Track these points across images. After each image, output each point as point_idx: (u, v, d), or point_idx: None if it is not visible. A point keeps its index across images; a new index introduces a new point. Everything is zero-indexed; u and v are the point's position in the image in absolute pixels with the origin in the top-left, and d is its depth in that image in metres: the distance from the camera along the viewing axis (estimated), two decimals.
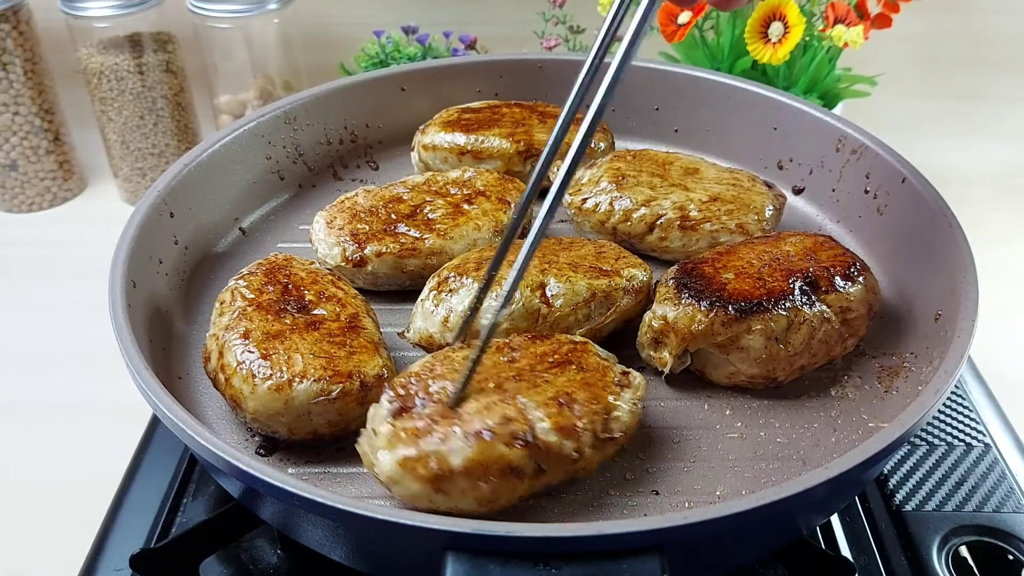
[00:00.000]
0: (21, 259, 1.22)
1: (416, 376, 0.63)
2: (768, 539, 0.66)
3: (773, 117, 0.98)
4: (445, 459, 0.57)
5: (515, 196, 0.89)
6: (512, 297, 0.58)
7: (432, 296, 0.75)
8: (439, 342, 0.74)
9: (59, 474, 0.89)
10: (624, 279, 0.76)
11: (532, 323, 0.72)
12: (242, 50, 1.28)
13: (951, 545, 0.76)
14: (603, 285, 0.75)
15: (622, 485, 0.66)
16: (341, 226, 0.84)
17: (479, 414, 0.59)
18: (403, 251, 0.82)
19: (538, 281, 0.74)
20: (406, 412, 0.61)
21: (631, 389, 0.66)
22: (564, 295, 0.73)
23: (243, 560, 0.75)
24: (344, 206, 0.87)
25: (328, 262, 0.83)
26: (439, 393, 0.61)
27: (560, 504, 0.64)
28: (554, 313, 0.73)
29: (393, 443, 0.59)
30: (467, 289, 0.74)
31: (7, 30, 1.20)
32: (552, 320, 0.73)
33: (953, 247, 0.75)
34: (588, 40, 1.30)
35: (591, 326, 0.74)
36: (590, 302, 0.74)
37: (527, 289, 0.73)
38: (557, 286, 0.74)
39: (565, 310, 0.73)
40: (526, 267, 0.61)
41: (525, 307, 0.72)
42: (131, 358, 0.65)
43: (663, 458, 0.68)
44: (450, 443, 0.58)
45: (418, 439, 0.58)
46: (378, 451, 0.59)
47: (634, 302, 0.76)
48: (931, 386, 0.62)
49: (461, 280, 0.75)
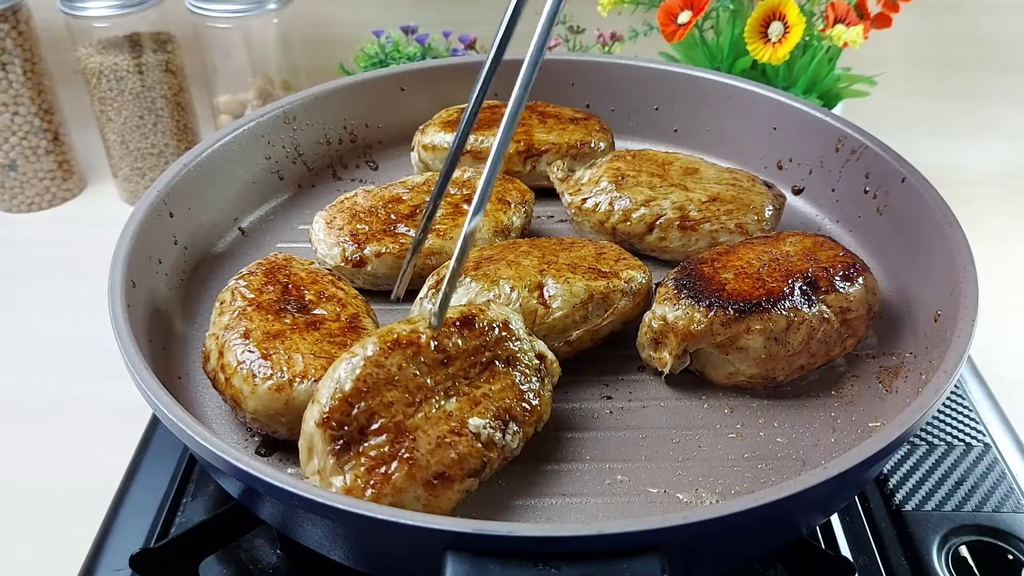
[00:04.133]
0: (20, 259, 1.22)
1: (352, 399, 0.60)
2: (768, 539, 0.66)
3: (773, 117, 0.98)
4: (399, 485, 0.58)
5: (515, 196, 0.89)
6: (483, 205, 0.58)
7: (431, 295, 0.75)
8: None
9: (59, 474, 0.89)
10: (623, 281, 0.76)
11: (529, 323, 0.72)
12: (241, 50, 1.28)
13: (951, 545, 0.76)
14: (601, 287, 0.74)
15: (621, 485, 0.66)
16: (341, 226, 0.84)
17: (426, 437, 0.60)
18: (403, 251, 0.82)
19: (536, 282, 0.73)
20: (351, 448, 0.59)
21: (549, 376, 0.68)
22: (562, 296, 0.73)
23: (243, 560, 0.75)
24: (344, 206, 0.87)
25: (328, 262, 0.83)
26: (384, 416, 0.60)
27: (558, 504, 0.64)
28: (552, 314, 0.73)
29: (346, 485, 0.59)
30: (465, 287, 0.74)
31: (6, 30, 1.20)
32: (549, 322, 0.73)
33: (953, 247, 0.75)
34: (588, 40, 1.30)
35: (588, 327, 0.74)
36: (588, 303, 0.74)
37: (524, 289, 0.72)
38: (555, 287, 0.73)
39: (562, 311, 0.73)
40: (495, 170, 0.59)
41: (523, 307, 0.72)
42: (130, 358, 0.65)
43: (663, 458, 0.68)
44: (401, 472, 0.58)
45: (370, 476, 0.58)
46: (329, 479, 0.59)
47: (632, 304, 0.76)
48: (931, 386, 0.62)
49: (460, 278, 0.75)
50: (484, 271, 0.75)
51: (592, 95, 1.08)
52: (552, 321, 0.73)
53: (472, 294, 0.73)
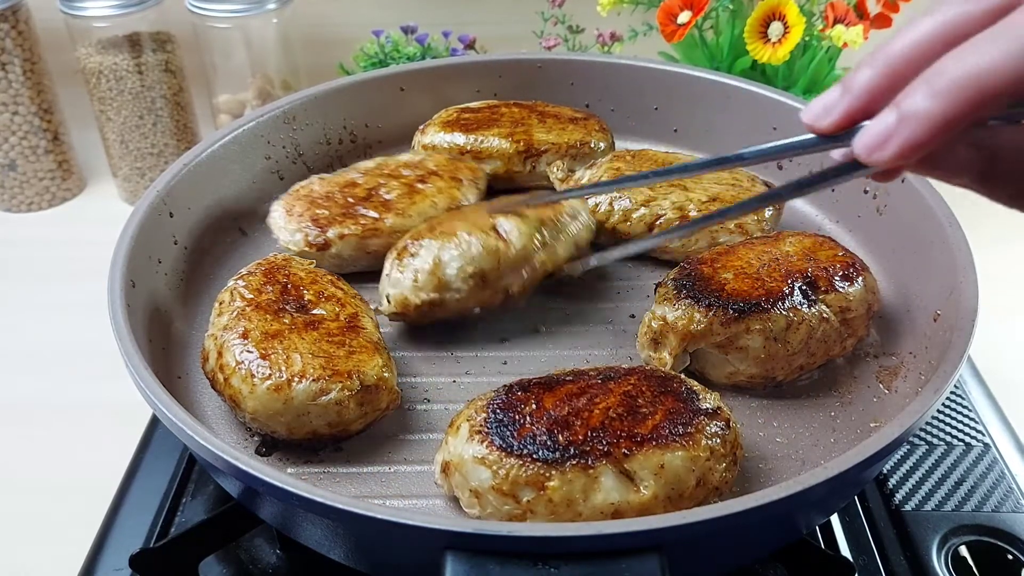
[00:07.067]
0: (20, 259, 1.22)
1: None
2: (768, 539, 0.66)
3: (773, 117, 0.98)
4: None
5: (466, 174, 0.92)
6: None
7: (396, 265, 0.77)
8: (415, 303, 0.76)
9: (59, 474, 0.89)
10: (566, 205, 0.81)
11: (495, 261, 0.75)
12: (241, 50, 1.28)
13: (950, 545, 0.76)
14: (548, 213, 0.79)
15: None
16: (301, 212, 0.86)
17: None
18: (365, 232, 0.84)
19: (489, 224, 0.77)
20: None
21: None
22: (516, 228, 0.77)
23: (243, 560, 0.75)
24: (300, 194, 0.88)
25: (291, 248, 0.85)
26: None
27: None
28: (512, 247, 0.76)
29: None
30: (427, 249, 0.76)
31: (6, 30, 1.20)
32: (513, 254, 0.76)
33: (953, 247, 0.75)
34: (588, 40, 1.30)
35: (547, 252, 0.78)
36: (541, 228, 0.78)
37: (481, 233, 0.76)
38: (507, 223, 0.78)
39: (522, 240, 0.77)
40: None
41: (485, 247, 0.75)
42: (130, 358, 0.65)
43: None
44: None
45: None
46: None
47: (582, 226, 0.81)
48: (930, 386, 0.62)
49: (419, 244, 0.77)
50: (439, 231, 0.78)
51: (592, 95, 1.08)
52: (515, 252, 0.76)
53: (435, 250, 0.76)
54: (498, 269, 0.76)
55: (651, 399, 0.63)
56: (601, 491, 0.58)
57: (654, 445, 0.59)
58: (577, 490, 0.58)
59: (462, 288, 0.75)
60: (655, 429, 0.60)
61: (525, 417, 0.61)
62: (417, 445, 0.70)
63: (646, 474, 0.58)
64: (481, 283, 0.76)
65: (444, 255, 0.75)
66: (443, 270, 0.75)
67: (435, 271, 0.75)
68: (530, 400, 0.62)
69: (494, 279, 0.76)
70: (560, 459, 0.58)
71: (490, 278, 0.76)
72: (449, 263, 0.75)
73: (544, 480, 0.58)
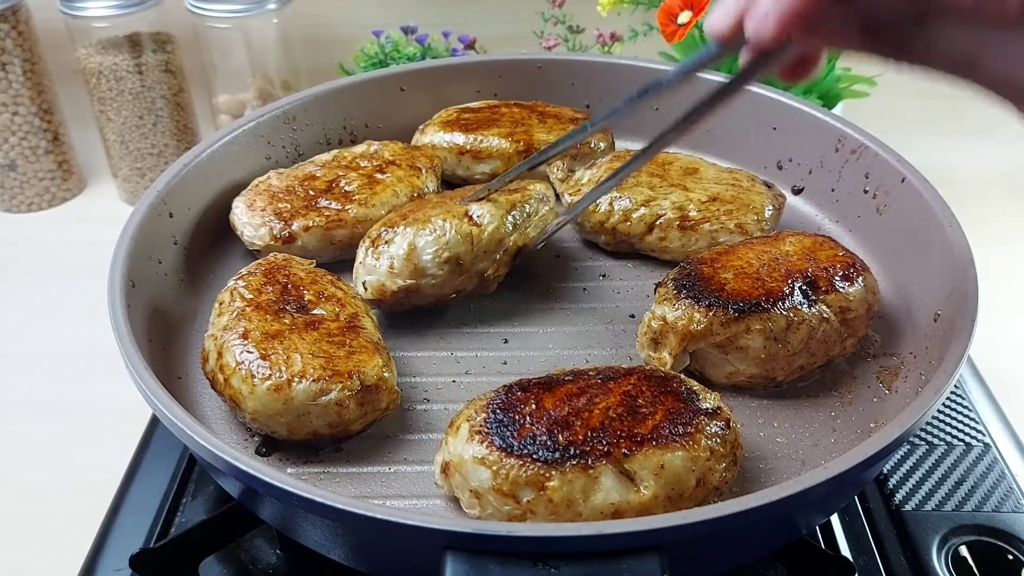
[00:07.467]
0: (20, 259, 1.22)
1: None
2: (768, 539, 0.66)
3: (773, 117, 0.98)
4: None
5: (424, 162, 0.93)
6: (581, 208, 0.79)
7: (370, 253, 0.78)
8: (391, 289, 0.77)
9: (59, 474, 0.89)
10: (533, 189, 0.83)
11: (469, 246, 0.77)
12: (241, 50, 1.28)
13: (951, 545, 0.76)
14: (517, 198, 0.81)
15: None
16: (263, 207, 0.86)
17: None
18: (329, 223, 0.85)
19: (462, 211, 0.79)
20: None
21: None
22: (488, 212, 0.78)
23: (243, 560, 0.75)
24: (260, 189, 0.89)
25: (256, 243, 0.85)
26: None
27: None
28: (485, 230, 0.78)
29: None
30: (402, 236, 0.77)
31: (6, 30, 1.20)
32: (486, 237, 0.78)
33: (953, 247, 0.75)
34: (588, 40, 1.30)
35: (518, 234, 0.80)
36: (511, 211, 0.80)
37: (455, 219, 0.77)
38: (479, 208, 0.79)
39: (493, 224, 0.78)
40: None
41: (458, 232, 0.77)
42: (130, 358, 0.65)
43: None
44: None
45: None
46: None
47: (548, 208, 0.84)
48: (930, 386, 0.62)
49: (394, 231, 0.78)
50: (413, 218, 0.79)
51: (592, 95, 1.08)
52: (488, 236, 0.78)
53: (410, 237, 0.77)
54: (472, 253, 0.77)
55: (651, 399, 0.63)
56: (601, 491, 0.58)
57: (654, 445, 0.59)
58: (577, 490, 0.58)
59: (438, 273, 0.77)
60: (655, 429, 0.60)
61: (525, 417, 0.61)
62: (417, 445, 0.70)
63: (646, 474, 0.58)
64: (456, 268, 0.77)
65: (419, 241, 0.76)
66: (419, 256, 0.76)
67: (410, 257, 0.76)
68: (530, 400, 0.62)
69: (469, 263, 0.77)
70: (560, 459, 0.58)
71: (465, 262, 0.77)
72: (424, 249, 0.76)
73: (544, 480, 0.58)
